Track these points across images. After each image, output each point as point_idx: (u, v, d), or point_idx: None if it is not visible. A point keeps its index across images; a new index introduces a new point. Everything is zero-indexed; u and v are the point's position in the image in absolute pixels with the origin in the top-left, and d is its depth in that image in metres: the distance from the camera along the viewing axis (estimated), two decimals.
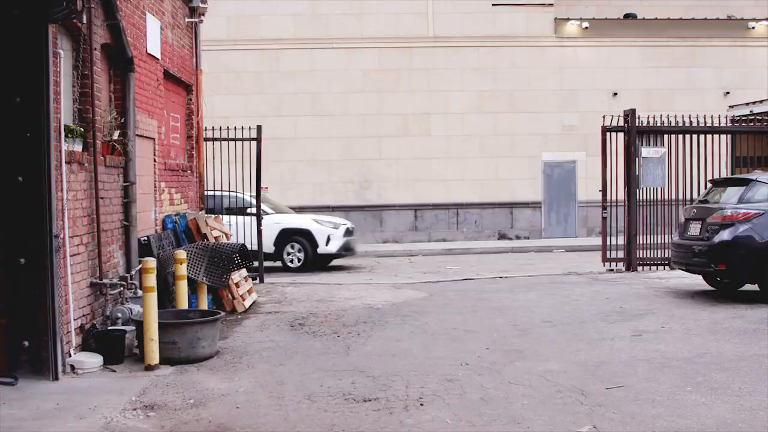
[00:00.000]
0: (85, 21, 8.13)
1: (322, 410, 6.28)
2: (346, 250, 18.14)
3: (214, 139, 14.65)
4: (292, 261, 17.54)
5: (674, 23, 24.75)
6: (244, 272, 12.24)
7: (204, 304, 10.23)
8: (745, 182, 11.48)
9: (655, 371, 7.30)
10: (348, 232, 18.24)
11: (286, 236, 17.56)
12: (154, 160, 11.03)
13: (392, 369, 7.61)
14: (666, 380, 6.96)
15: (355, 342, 8.98)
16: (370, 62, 24.03)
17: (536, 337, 9.00)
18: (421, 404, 6.38)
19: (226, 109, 22.58)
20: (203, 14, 13.63)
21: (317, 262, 17.93)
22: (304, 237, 17.61)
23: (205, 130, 14.12)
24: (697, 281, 12.95)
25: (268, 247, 17.08)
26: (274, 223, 17.47)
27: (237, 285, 11.40)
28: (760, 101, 19.17)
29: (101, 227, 8.61)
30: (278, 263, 17.76)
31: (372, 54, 24.03)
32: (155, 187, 11.05)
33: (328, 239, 17.66)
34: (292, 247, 17.55)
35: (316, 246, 17.57)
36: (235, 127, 15.26)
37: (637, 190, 15.16)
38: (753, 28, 24.91)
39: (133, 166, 9.54)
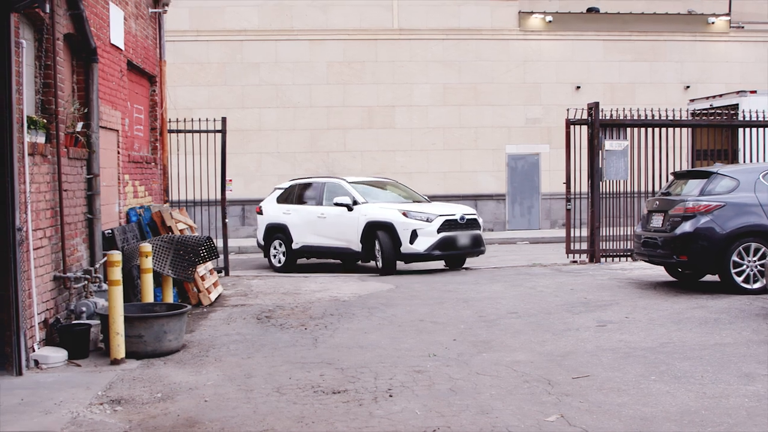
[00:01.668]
0: (48, 10, 7.99)
1: (291, 402, 6.28)
2: (446, 248, 14.22)
3: (178, 131, 14.51)
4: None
5: (636, 18, 25.05)
6: (209, 265, 12.17)
7: (169, 297, 10.15)
8: (706, 175, 11.67)
9: (620, 361, 7.40)
10: (451, 225, 14.27)
11: (373, 231, 14.42)
12: (118, 152, 10.90)
13: (360, 361, 7.63)
14: (631, 369, 7.07)
15: (322, 334, 8.98)
16: (335, 54, 23.97)
17: (503, 328, 9.07)
18: (390, 395, 6.40)
19: (190, 100, 22.39)
20: (167, 4, 13.49)
21: (408, 263, 14.76)
22: (387, 232, 14.26)
23: (169, 122, 13.99)
24: (659, 272, 13.15)
25: (356, 243, 14.72)
26: (361, 215, 14.65)
27: (202, 278, 11.33)
28: (720, 95, 19.48)
29: (65, 220, 8.50)
30: (371, 263, 15.30)
31: (337, 46, 23.97)
32: (119, 179, 10.93)
33: (413, 235, 14.02)
34: (378, 244, 14.37)
35: (399, 244, 14.15)
36: (199, 119, 15.17)
37: (601, 183, 15.34)
38: (713, 23, 25.30)
39: (96, 158, 9.42)
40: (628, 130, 15.52)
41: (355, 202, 14.84)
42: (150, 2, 12.90)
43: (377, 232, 14.30)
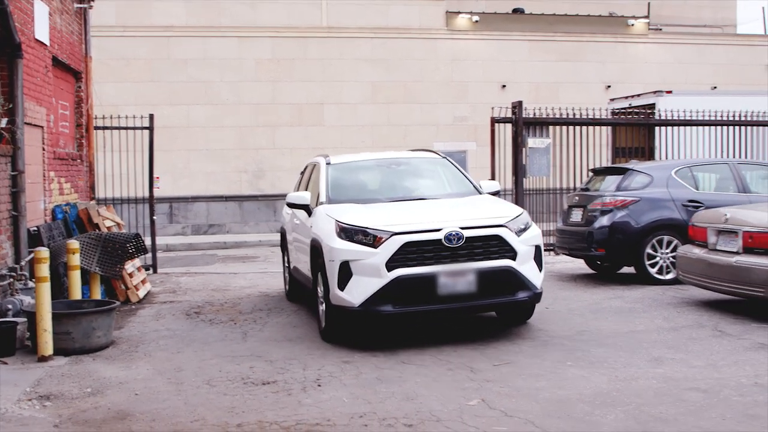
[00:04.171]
0: None
1: (221, 394, 6.40)
2: (411, 300, 7.61)
3: (105, 128, 14.37)
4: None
5: (560, 19, 25.71)
6: (137, 263, 12.12)
7: (97, 294, 10.12)
8: (622, 171, 12.17)
9: (539, 348, 7.73)
10: (425, 253, 7.56)
11: (315, 255, 8.45)
12: (43, 149, 10.79)
13: (289, 353, 7.78)
14: (549, 356, 7.39)
15: (252, 328, 9.10)
16: (264, 51, 23.95)
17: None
18: (319, 385, 6.58)
19: (117, 97, 22.06)
20: (93, 0, 13.35)
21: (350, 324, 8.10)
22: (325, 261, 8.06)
23: (96, 118, 13.86)
24: (579, 265, 13.62)
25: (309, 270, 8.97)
26: (311, 226, 8.76)
27: (131, 275, 11.30)
28: (638, 95, 20.15)
29: None
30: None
31: (265, 43, 23.96)
32: (44, 176, 10.82)
33: (345, 272, 7.63)
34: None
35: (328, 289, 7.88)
36: (126, 116, 15.01)
37: (524, 179, 15.76)
38: (632, 25, 26.13)
39: (21, 155, 9.34)
40: (551, 128, 15.97)
41: (320, 201, 8.92)
42: None
43: (317, 258, 8.33)
